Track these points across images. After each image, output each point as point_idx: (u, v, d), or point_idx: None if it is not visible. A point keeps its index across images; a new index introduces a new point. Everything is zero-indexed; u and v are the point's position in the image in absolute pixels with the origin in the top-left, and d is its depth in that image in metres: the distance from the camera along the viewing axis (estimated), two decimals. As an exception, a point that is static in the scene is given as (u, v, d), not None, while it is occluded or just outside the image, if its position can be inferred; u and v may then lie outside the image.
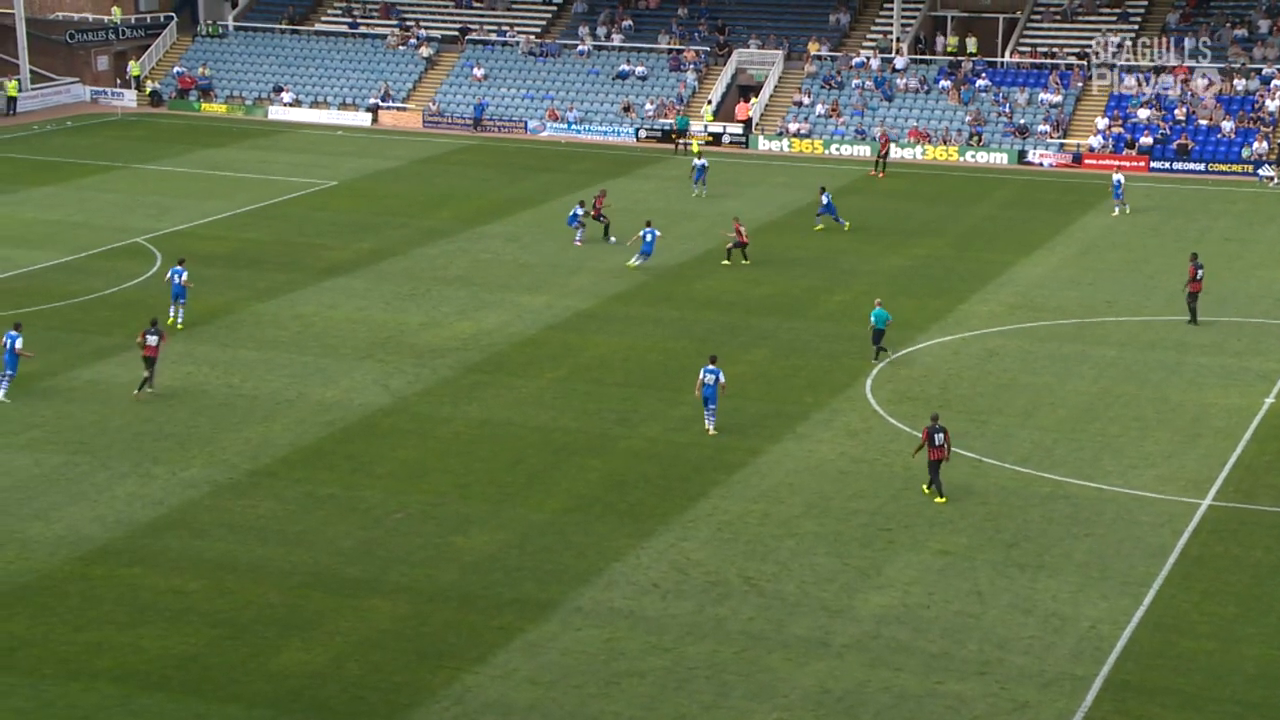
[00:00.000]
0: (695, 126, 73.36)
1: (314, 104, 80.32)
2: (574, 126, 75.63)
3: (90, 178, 64.18)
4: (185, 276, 43.89)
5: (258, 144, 72.72)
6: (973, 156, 70.15)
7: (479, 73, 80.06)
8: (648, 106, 75.87)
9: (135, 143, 71.89)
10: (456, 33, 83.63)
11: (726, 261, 51.46)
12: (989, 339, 43.99)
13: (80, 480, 33.32)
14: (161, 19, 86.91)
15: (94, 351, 41.90)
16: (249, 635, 26.87)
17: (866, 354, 42.02)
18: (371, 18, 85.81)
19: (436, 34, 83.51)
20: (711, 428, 36.34)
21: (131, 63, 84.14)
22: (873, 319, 41.47)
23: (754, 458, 35.22)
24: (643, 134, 74.15)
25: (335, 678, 25.59)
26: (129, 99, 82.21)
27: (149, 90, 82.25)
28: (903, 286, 49.24)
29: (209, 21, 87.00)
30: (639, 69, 78.65)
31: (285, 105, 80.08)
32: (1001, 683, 25.72)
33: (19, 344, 38.37)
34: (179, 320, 43.63)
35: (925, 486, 33.04)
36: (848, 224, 56.18)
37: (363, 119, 78.68)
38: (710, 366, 36.23)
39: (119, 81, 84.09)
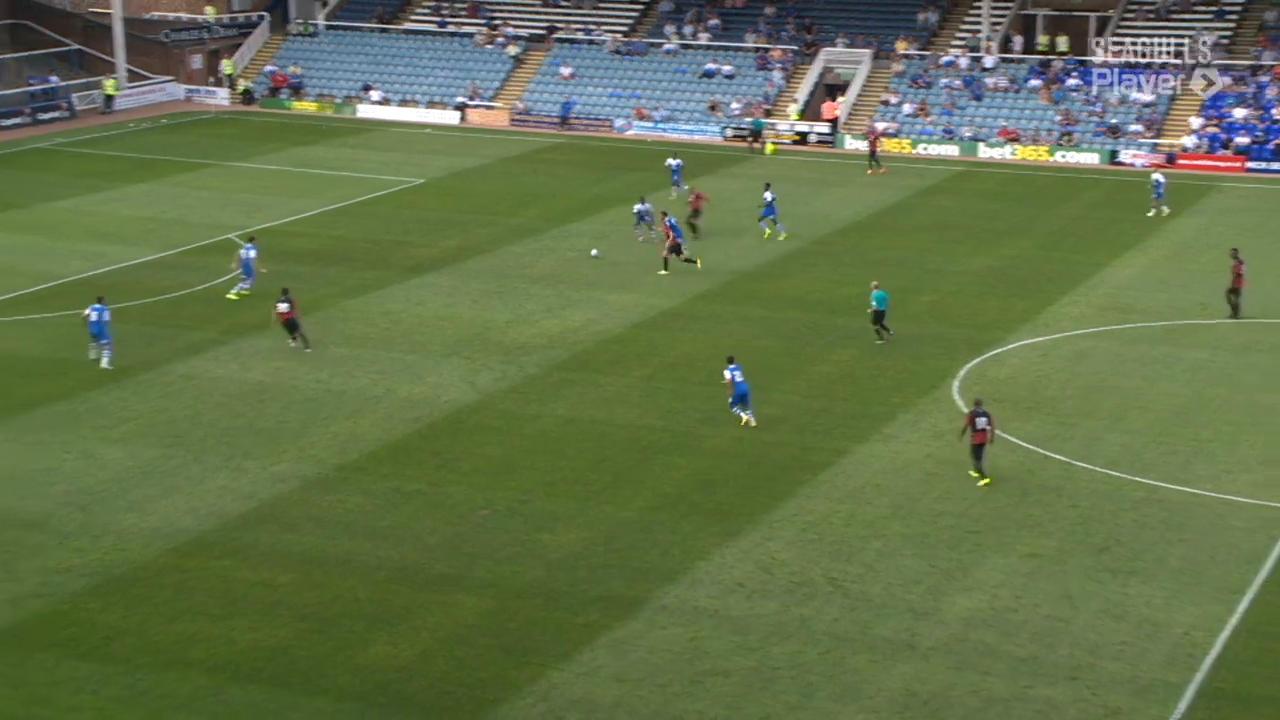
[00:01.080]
0: (781, 125, 73.10)
1: (402, 102, 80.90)
2: (660, 125, 75.67)
3: (184, 175, 65.05)
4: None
5: (347, 142, 73.36)
6: (1063, 156, 69.40)
7: (566, 71, 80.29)
8: (734, 105, 75.75)
9: (228, 140, 72.77)
10: (544, 31, 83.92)
11: (680, 254, 49.73)
12: (1078, 341, 43.52)
13: (174, 474, 33.79)
14: (254, 18, 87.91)
15: (187, 346, 42.46)
16: (337, 629, 27.13)
17: (954, 355, 41.73)
18: (460, 16, 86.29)
19: (524, 33, 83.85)
20: (752, 420, 36.47)
21: (225, 61, 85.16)
22: (873, 301, 42.35)
23: (840, 458, 35.08)
24: (729, 133, 74.01)
25: (421, 673, 25.78)
26: (222, 97, 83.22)
27: (242, 89, 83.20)
28: (989, 287, 48.83)
29: (300, 20, 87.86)
30: (725, 68, 78.53)
31: (374, 103, 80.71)
32: (1092, 688, 25.43)
33: (107, 315, 40.38)
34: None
35: (971, 471, 33.32)
36: (784, 235, 54.00)
37: (451, 117, 79.15)
38: (733, 365, 36.61)
39: (212, 80, 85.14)
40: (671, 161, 61.19)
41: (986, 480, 33.22)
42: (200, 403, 38.16)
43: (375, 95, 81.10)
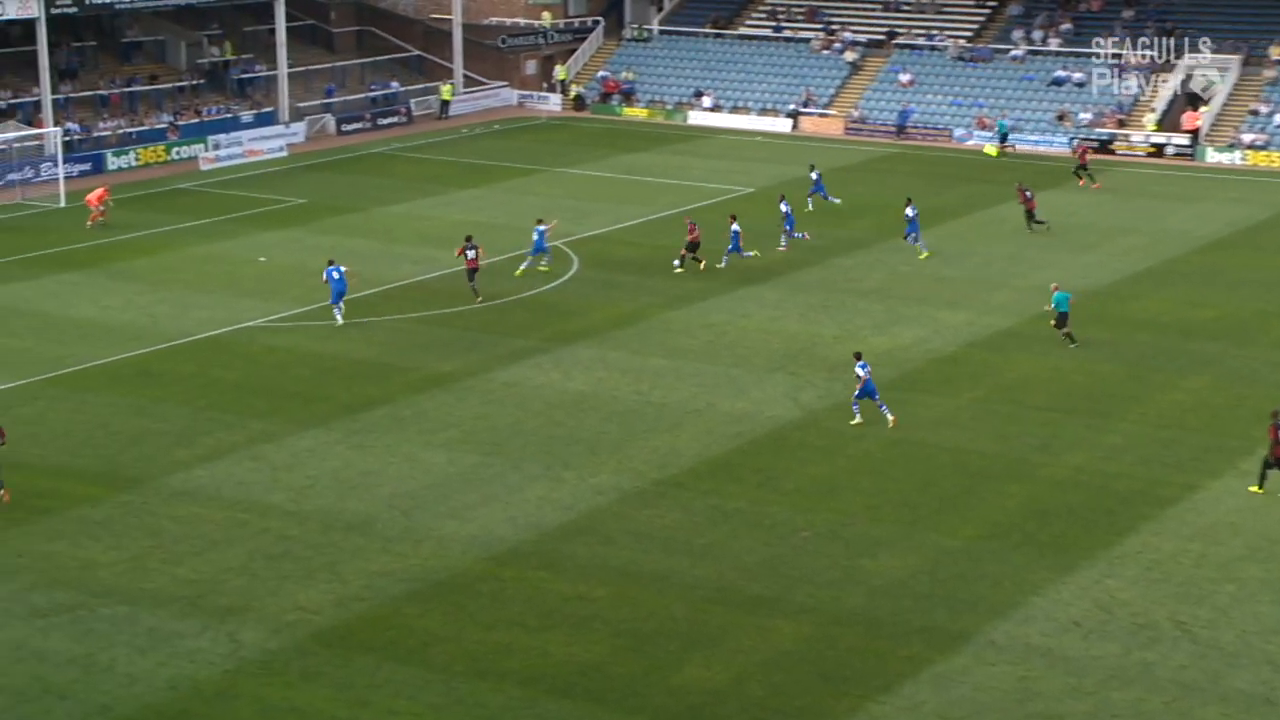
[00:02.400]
0: (1135, 136, 70.92)
1: (734, 109, 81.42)
2: (1010, 137, 73.97)
3: (513, 180, 66.89)
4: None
5: (676, 149, 74.20)
6: None
7: (905, 78, 79.48)
8: (1084, 115, 73.64)
9: (558, 146, 74.53)
10: (883, 37, 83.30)
11: (679, 267, 51.25)
12: None
13: (493, 481, 34.66)
14: (589, 23, 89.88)
15: (510, 354, 43.56)
16: (651, 647, 27.34)
17: (1322, 386, 39.56)
18: (796, 22, 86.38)
19: (862, 38, 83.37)
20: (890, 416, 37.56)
21: (558, 66, 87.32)
22: (1054, 303, 42.76)
23: (1190, 493, 33.61)
24: (1077, 144, 72.01)
25: (736, 697, 25.74)
26: (554, 102, 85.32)
27: (574, 94, 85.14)
28: (1366, 313, 46.12)
29: (635, 26, 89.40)
30: (1076, 75, 76.41)
31: (705, 110, 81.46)
32: None
33: (343, 270, 45.47)
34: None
35: (1252, 486, 32.49)
36: (839, 199, 58.09)
37: (783, 125, 79.26)
38: (863, 362, 37.69)
39: (545, 85, 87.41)
40: (812, 174, 61.15)
41: (1259, 490, 32.27)
42: (521, 411, 39.06)
43: (707, 101, 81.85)
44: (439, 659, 26.94)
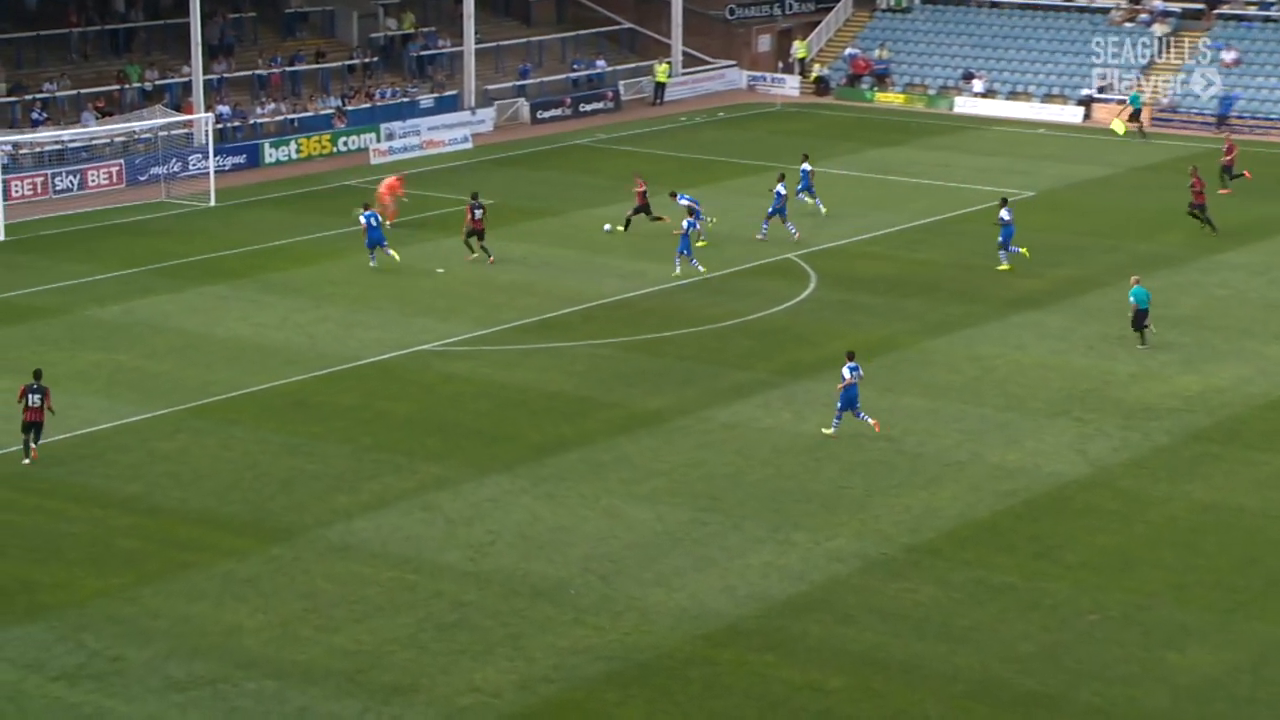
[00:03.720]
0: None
1: (1011, 94, 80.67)
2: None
3: (740, 179, 67.00)
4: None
5: (939, 143, 73.66)
6: None
7: (1229, 57, 77.91)
8: None
9: (795, 138, 74.50)
10: (1201, 5, 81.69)
11: (620, 227, 57.17)
12: None
13: (708, 542, 34.62)
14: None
15: (731, 388, 43.54)
16: (899, 751, 27.03)
17: None
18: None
19: (1175, 7, 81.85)
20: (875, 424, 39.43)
21: (797, 43, 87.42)
22: (1132, 298, 45.79)
23: None
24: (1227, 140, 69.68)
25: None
26: (790, 85, 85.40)
27: (815, 76, 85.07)
28: None
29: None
30: None
31: (975, 96, 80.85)
32: None
33: (380, 218, 52.79)
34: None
35: None
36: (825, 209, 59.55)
37: (1072, 114, 78.23)
38: (854, 364, 39.29)
39: (780, 65, 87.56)
40: (803, 167, 61.52)
41: None
42: (744, 458, 38.99)
43: (978, 86, 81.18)
44: (641, 757, 26.95)
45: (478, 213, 54.03)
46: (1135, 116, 74.22)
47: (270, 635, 30.66)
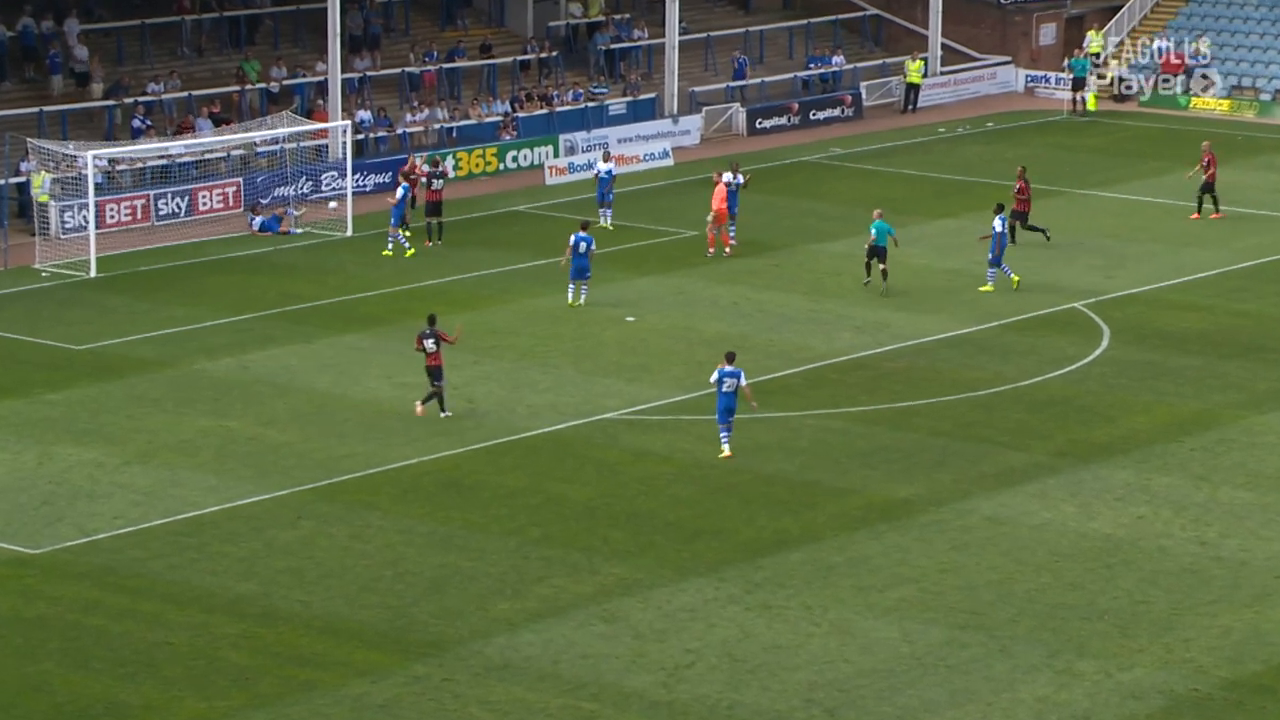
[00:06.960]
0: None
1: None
2: None
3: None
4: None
5: (1273, 161, 72.71)
6: None
7: None
8: None
9: (1083, 155, 74.09)
10: None
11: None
12: None
13: (968, 669, 34.28)
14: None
15: (999, 473, 43.20)
16: None
17: None
18: None
19: None
20: (727, 449, 43.07)
21: (1091, 33, 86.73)
22: (872, 231, 54.18)
23: None
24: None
25: None
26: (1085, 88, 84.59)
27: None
28: None
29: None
30: None
31: (1321, 102, 79.79)
32: None
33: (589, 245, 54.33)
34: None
35: None
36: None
37: None
38: (727, 368, 42.35)
39: (1066, 64, 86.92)
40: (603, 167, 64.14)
41: None
42: (1014, 562, 38.65)
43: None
44: None
45: (436, 182, 55.75)
46: (1080, 86, 73.67)
47: (412, 777, 30.89)
